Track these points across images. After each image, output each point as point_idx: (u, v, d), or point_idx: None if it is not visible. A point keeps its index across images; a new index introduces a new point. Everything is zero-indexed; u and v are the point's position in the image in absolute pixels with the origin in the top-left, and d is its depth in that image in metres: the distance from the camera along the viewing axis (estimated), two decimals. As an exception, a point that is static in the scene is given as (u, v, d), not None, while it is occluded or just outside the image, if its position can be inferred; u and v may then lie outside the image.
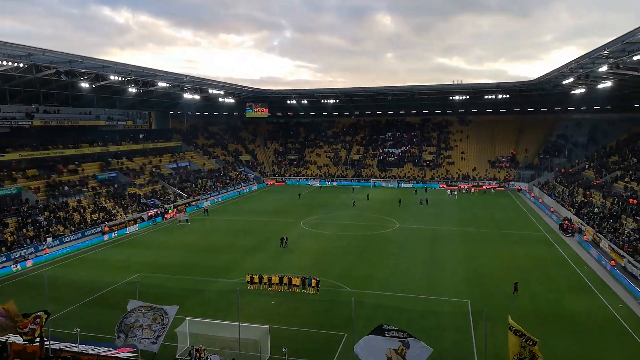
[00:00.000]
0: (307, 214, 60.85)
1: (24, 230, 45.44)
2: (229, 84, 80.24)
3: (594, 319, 27.63)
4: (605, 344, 24.49)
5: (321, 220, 57.23)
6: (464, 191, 79.83)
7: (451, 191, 78.34)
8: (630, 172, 56.81)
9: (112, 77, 57.99)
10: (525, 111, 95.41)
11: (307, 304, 30.15)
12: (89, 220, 51.65)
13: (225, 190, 78.38)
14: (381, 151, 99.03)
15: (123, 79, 60.43)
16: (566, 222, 50.58)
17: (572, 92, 73.04)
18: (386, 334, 16.22)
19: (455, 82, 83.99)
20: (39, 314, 19.88)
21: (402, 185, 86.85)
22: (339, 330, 25.82)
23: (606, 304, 29.88)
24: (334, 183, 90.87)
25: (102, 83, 59.36)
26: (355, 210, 63.08)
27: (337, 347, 24.15)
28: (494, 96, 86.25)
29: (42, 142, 63.12)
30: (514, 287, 31.39)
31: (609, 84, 59.01)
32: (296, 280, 32.51)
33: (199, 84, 74.96)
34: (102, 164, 68.26)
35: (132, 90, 67.80)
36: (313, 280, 32.20)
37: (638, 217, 43.04)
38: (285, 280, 32.69)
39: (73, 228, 49.09)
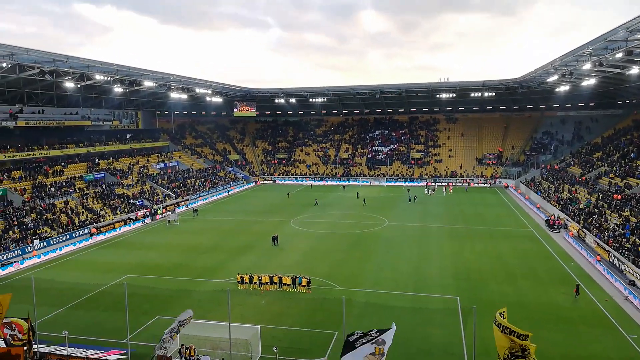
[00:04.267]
0: (297, 213, 60.87)
1: (10, 233, 44.82)
2: (216, 82, 79.84)
3: (581, 313, 28.10)
4: (592, 337, 24.92)
5: (311, 218, 57.29)
6: (444, 191, 77.32)
7: (428, 189, 77.41)
8: (614, 168, 57.77)
9: (97, 77, 57.38)
10: (511, 109, 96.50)
11: (298, 303, 30.21)
12: (76, 222, 51.09)
13: (215, 190, 78.06)
14: (370, 149, 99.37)
15: (109, 78, 59.83)
16: (552, 217, 51.27)
17: (557, 89, 74.12)
18: (356, 345, 15.65)
19: (442, 81, 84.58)
20: (10, 320, 19.78)
21: (389, 183, 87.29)
22: (330, 328, 25.92)
23: (592, 298, 30.40)
24: (324, 181, 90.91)
25: (88, 82, 58.73)
26: (344, 209, 63.24)
27: (328, 345, 24.25)
28: (480, 94, 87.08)
29: (26, 142, 62.28)
30: (575, 289, 30.67)
31: (592, 81, 59.98)
32: (287, 280, 32.55)
33: (186, 83, 74.48)
34: (89, 164, 67.54)
35: (118, 89, 67.18)
36: (303, 279, 32.27)
37: (622, 212, 43.83)
38: (276, 279, 32.71)
39: (60, 230, 48.54)
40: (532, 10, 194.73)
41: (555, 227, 49.33)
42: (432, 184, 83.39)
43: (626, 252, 35.60)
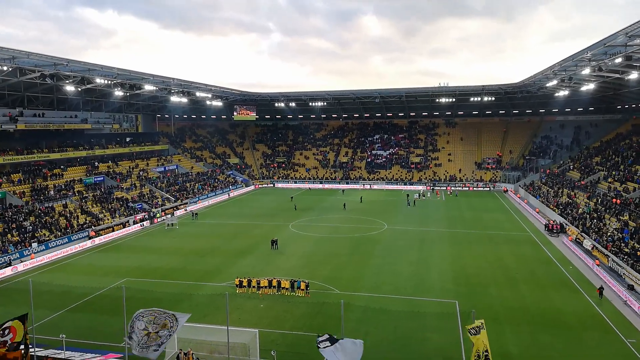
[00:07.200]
0: (296, 216, 60.81)
1: (9, 236, 44.77)
2: (216, 86, 79.99)
3: (579, 317, 28.05)
4: (590, 341, 24.87)
5: (310, 222, 57.24)
6: (429, 195, 76.56)
7: (420, 194, 75.54)
8: (614, 172, 57.80)
9: (98, 80, 57.49)
10: (511, 113, 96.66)
11: (297, 306, 30.14)
12: (75, 225, 51.04)
13: (214, 194, 78.04)
14: (369, 153, 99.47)
15: (109, 82, 59.90)
16: (551, 222, 51.25)
17: (556, 94, 74.27)
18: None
19: (442, 85, 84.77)
20: (8, 325, 19.27)
21: (378, 186, 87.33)
22: (328, 332, 25.79)
23: (591, 302, 30.36)
24: (323, 185, 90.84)
25: (88, 86, 58.83)
26: (344, 213, 63.22)
27: (326, 349, 24.14)
28: (479, 98, 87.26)
29: (26, 146, 62.31)
30: (598, 290, 31.01)
31: (591, 86, 60.16)
32: (285, 283, 32.50)
33: (186, 87, 74.59)
34: (88, 167, 67.55)
35: (119, 93, 67.24)
36: (302, 283, 32.22)
37: (621, 217, 43.82)
38: (274, 283, 32.67)
39: (59, 233, 48.49)
40: (533, 16, 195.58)
41: (555, 231, 49.31)
42: (421, 188, 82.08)
43: (625, 257, 35.57)
